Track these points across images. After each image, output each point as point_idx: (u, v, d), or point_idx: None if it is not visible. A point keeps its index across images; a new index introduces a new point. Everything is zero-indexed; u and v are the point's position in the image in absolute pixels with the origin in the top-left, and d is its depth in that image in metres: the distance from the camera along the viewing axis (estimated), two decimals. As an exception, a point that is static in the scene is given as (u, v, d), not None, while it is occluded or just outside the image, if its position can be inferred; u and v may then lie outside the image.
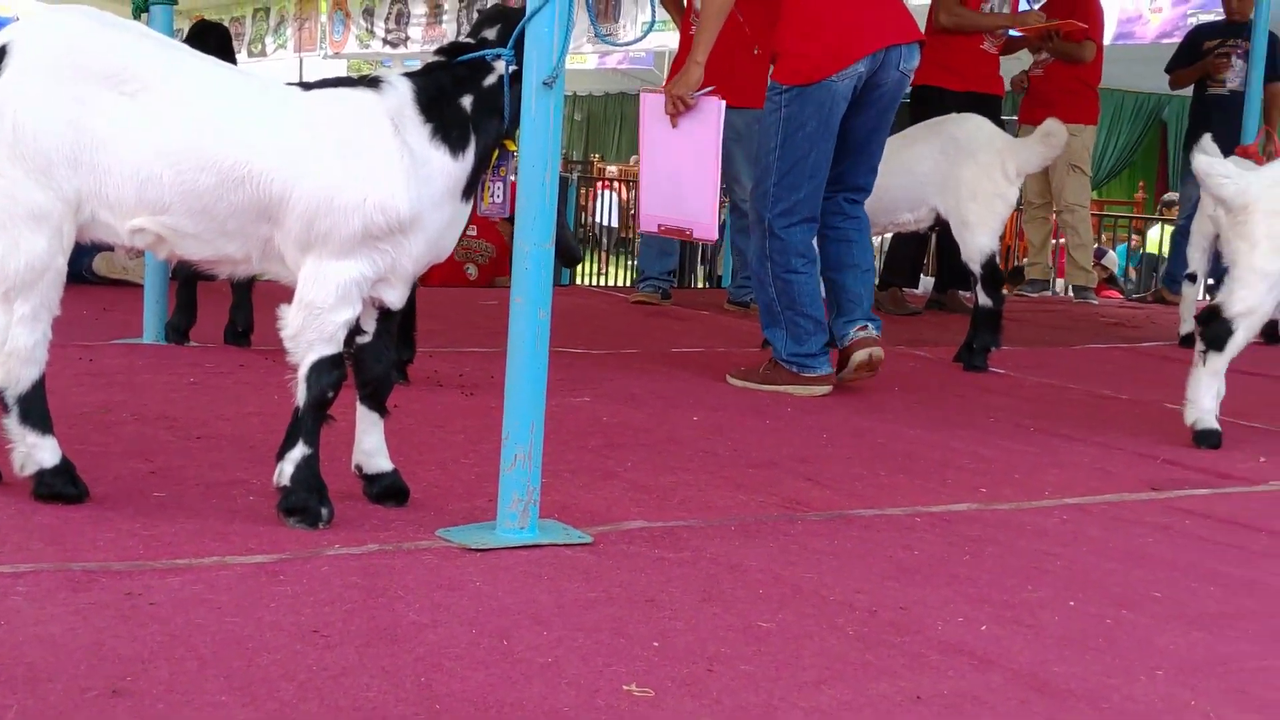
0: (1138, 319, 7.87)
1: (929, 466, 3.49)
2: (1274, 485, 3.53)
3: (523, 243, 2.53)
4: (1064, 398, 4.78)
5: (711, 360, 4.89)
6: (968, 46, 6.94)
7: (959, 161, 5.15)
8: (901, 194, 5.30)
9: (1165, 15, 15.24)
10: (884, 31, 4.29)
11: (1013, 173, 5.14)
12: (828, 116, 4.27)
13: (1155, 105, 19.11)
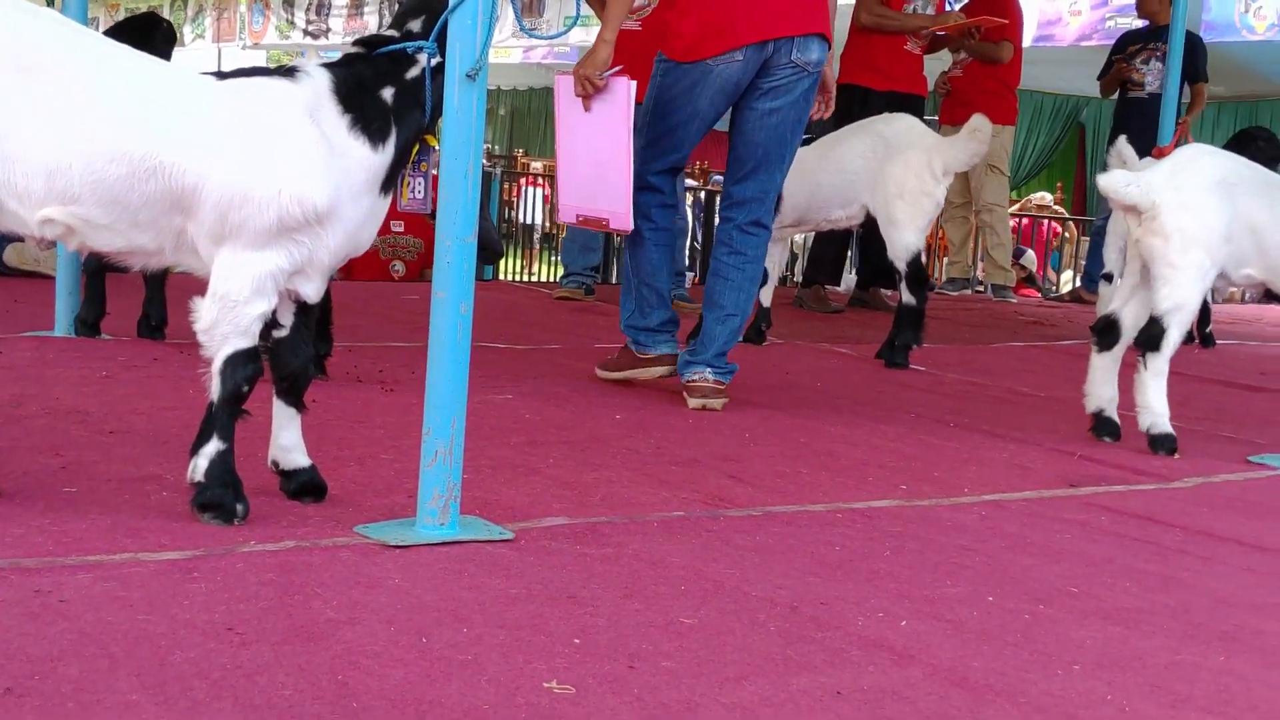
0: (1055, 317, 7.99)
1: (850, 463, 3.51)
2: (1188, 482, 3.58)
3: (444, 237, 2.51)
4: (983, 395, 4.83)
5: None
6: (891, 46, 7.01)
7: (888, 160, 5.19)
8: (833, 191, 5.35)
9: (1084, 18, 15.47)
10: (774, 21, 4.02)
11: (940, 171, 5.19)
12: (696, 98, 4.06)
13: (1074, 107, 19.39)
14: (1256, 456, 3.93)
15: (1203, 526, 3.09)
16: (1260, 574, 2.74)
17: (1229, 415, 4.77)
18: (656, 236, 4.19)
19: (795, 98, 4.10)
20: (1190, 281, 3.79)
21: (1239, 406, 5.05)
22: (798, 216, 5.49)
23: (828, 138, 5.52)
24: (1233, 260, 3.89)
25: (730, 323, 4.15)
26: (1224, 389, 5.47)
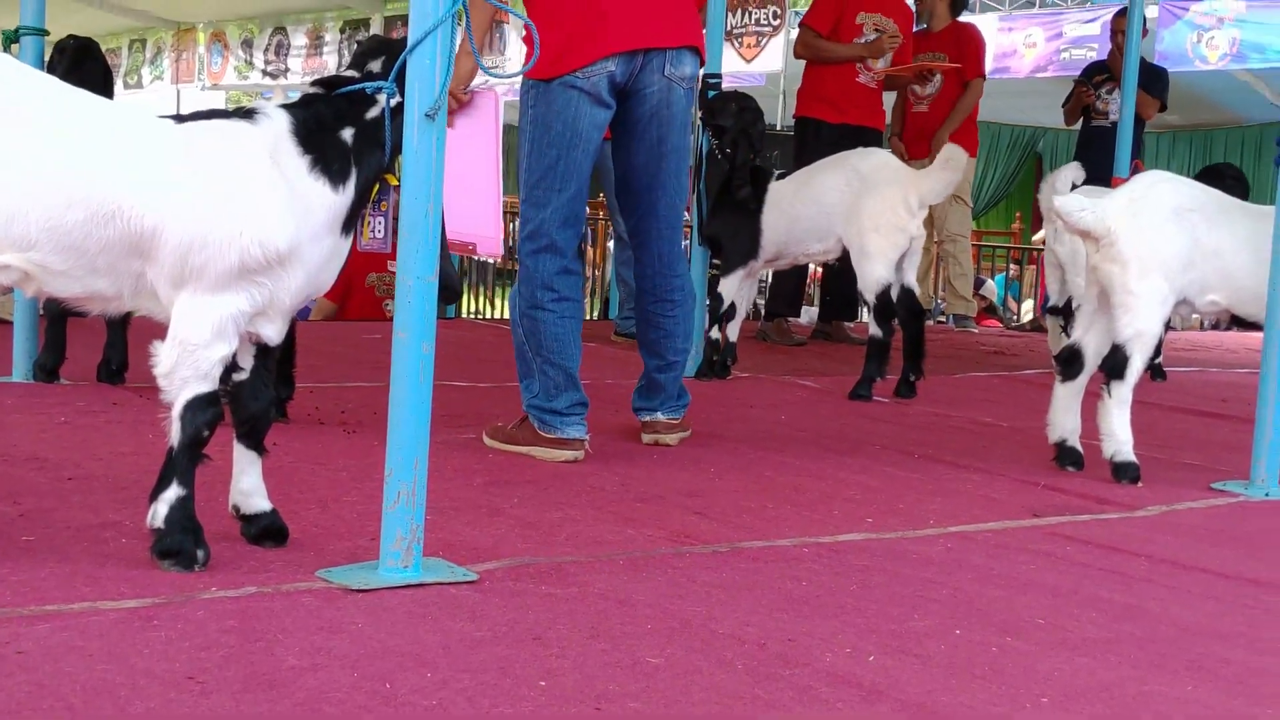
0: (1017, 347, 8.03)
1: (816, 497, 3.50)
2: (1152, 510, 3.59)
3: (405, 276, 2.50)
4: (947, 426, 4.84)
5: (600, 392, 4.85)
6: (842, 79, 7.08)
7: (864, 195, 5.23)
8: (811, 225, 5.39)
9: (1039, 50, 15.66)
10: (642, 30, 3.72)
11: (915, 205, 5.22)
12: (573, 119, 3.71)
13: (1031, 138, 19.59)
14: (1219, 483, 3.95)
15: (1167, 555, 3.10)
16: (1225, 602, 2.74)
17: (1191, 442, 4.80)
18: (561, 309, 3.76)
19: (675, 117, 3.89)
20: (1150, 308, 3.81)
21: (1201, 433, 5.08)
22: (777, 250, 5.53)
23: (802, 172, 5.56)
24: (1195, 287, 3.91)
25: (675, 369, 4.04)
26: (1186, 416, 5.51)
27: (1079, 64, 12.40)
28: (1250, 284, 3.90)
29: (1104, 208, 3.86)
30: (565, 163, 3.75)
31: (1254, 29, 13.91)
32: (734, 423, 4.56)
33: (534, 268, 3.75)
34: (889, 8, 7.17)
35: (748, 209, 5.42)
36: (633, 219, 4.03)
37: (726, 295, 5.50)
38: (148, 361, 2.48)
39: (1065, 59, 15.22)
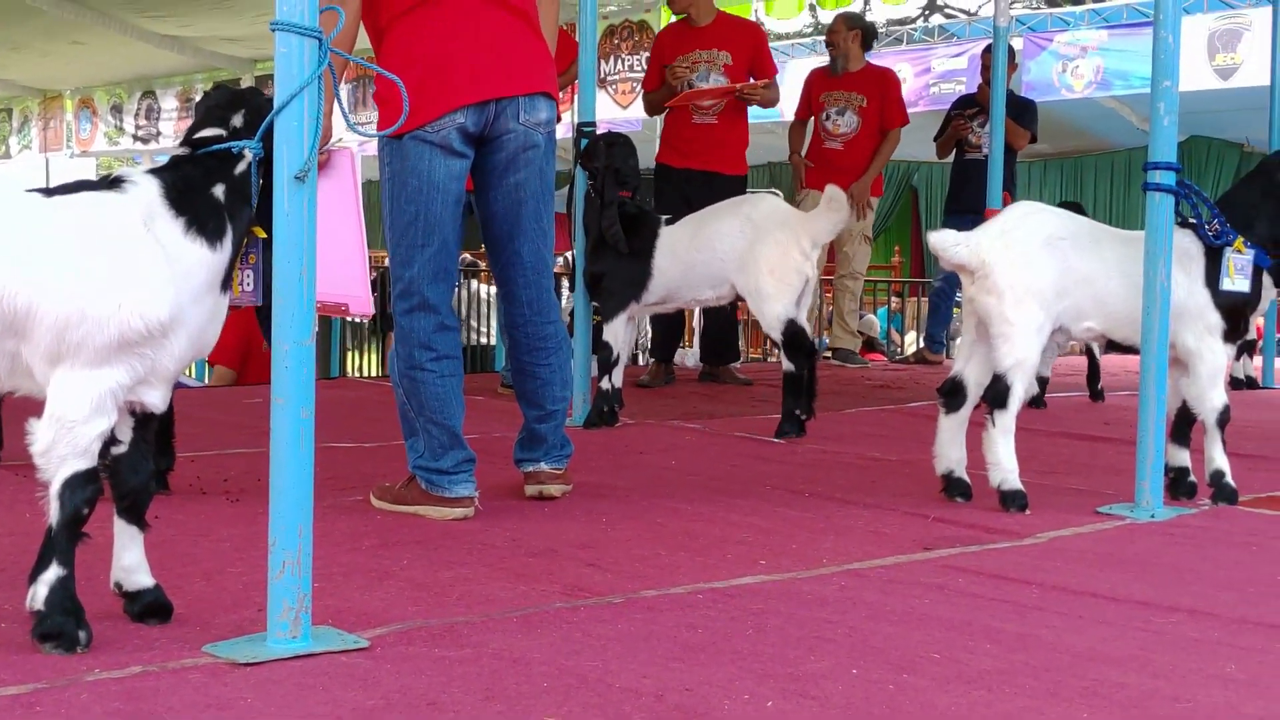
0: (902, 380, 8.12)
1: (709, 542, 3.49)
2: (1041, 537, 3.63)
3: (281, 341, 2.45)
4: (837, 463, 4.87)
5: (488, 445, 4.82)
6: (678, 121, 7.20)
7: (757, 241, 5.29)
8: (706, 271, 5.43)
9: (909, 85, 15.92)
10: (490, 80, 3.70)
11: (808, 247, 5.29)
12: (428, 173, 3.67)
13: (906, 172, 19.93)
14: (1105, 507, 4.01)
15: (1057, 581, 3.13)
16: (1117, 626, 2.78)
17: (1076, 467, 4.88)
18: (440, 367, 3.72)
19: (533, 163, 3.86)
20: (1027, 337, 3.88)
21: (1085, 457, 5.16)
22: (666, 294, 5.54)
23: (694, 218, 5.58)
24: (1070, 314, 3.99)
25: (555, 418, 4.00)
26: (1070, 441, 5.60)
27: (948, 98, 12.68)
28: (1123, 309, 3.98)
29: (977, 241, 3.93)
30: (426, 217, 3.70)
31: (1116, 57, 14.34)
32: (625, 470, 4.55)
33: (409, 327, 3.71)
34: (720, 40, 7.22)
35: (634, 252, 5.43)
36: (498, 268, 3.99)
37: (614, 342, 5.50)
38: (24, 439, 2.40)
39: (935, 93, 15.55)
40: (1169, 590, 3.06)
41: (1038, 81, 14.61)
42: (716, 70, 7.13)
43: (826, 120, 8.43)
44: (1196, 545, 3.58)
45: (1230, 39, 13.48)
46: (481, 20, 3.72)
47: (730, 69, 7.13)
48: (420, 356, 3.71)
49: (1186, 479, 4.15)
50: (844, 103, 8.39)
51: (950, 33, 16.47)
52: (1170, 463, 4.11)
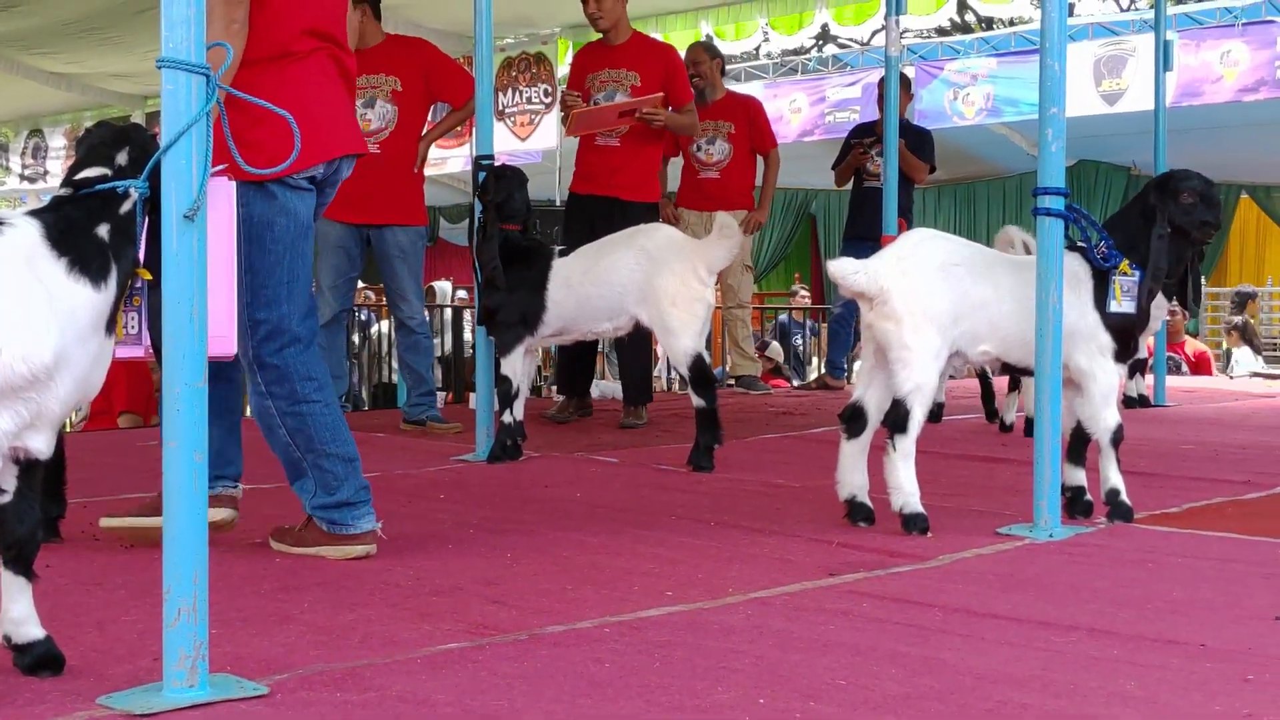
0: (804, 406, 8.17)
1: (615, 574, 3.48)
2: (943, 559, 3.66)
3: (172, 383, 2.40)
4: (741, 491, 4.88)
5: (391, 483, 4.78)
6: (582, 145, 7.04)
7: (655, 272, 5.29)
8: (603, 304, 5.41)
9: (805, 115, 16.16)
10: (346, 136, 3.79)
11: (705, 274, 5.32)
12: (297, 212, 3.67)
13: (804, 200, 20.15)
14: (1005, 528, 4.05)
15: (960, 603, 3.16)
16: (1018, 646, 2.80)
17: (976, 489, 4.93)
18: (324, 396, 3.67)
19: None
20: (925, 362, 3.92)
21: (984, 479, 5.22)
22: (561, 326, 5.52)
23: (588, 250, 5.55)
24: (966, 339, 4.05)
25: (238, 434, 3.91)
26: (969, 462, 5.67)
27: (844, 126, 12.85)
28: (1016, 333, 4.05)
29: (875, 268, 3.97)
30: (292, 256, 3.67)
31: (1006, 84, 14.63)
32: (529, 504, 4.52)
33: (286, 365, 3.63)
34: (631, 61, 6.92)
35: (527, 284, 5.42)
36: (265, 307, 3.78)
37: (513, 375, 5.47)
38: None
39: (830, 122, 15.75)
40: (1068, 609, 3.10)
41: (930, 109, 14.85)
42: (623, 91, 6.87)
43: (699, 151, 8.49)
44: (1094, 564, 3.64)
45: (1116, 65, 13.81)
46: (336, 84, 3.79)
47: (638, 91, 6.88)
48: (305, 389, 3.64)
49: (1083, 498, 4.22)
50: (713, 131, 8.47)
51: (844, 62, 16.73)
52: (1067, 482, 4.18)
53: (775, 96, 16.31)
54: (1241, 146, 15.02)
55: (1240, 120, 13.93)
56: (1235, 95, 13.05)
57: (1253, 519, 4.28)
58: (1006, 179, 17.79)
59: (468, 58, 7.28)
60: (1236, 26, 13.09)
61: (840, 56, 17.24)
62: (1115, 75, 13.79)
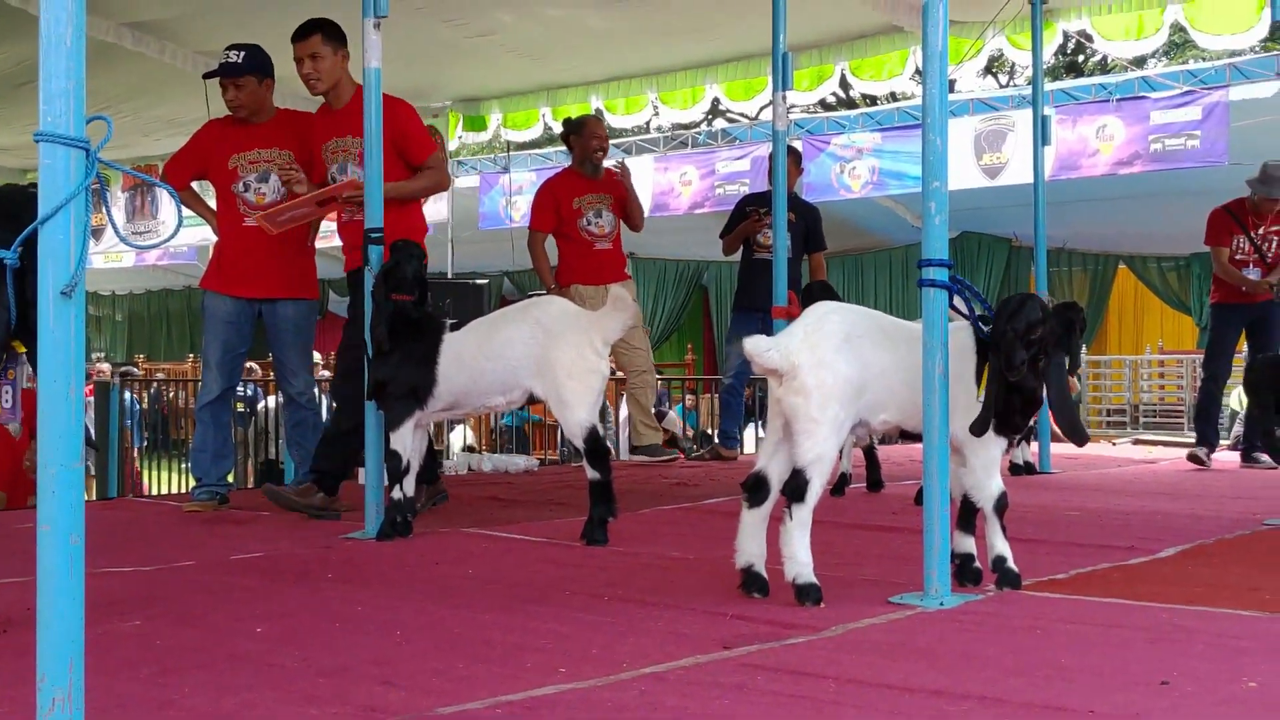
0: (698, 477, 8.18)
1: (507, 650, 3.43)
2: (836, 630, 3.66)
3: (48, 464, 2.33)
4: (636, 563, 4.85)
5: (277, 563, 4.69)
6: None
7: (550, 345, 5.27)
8: (495, 379, 5.37)
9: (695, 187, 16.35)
10: None
11: (600, 346, 5.31)
12: None
13: (696, 271, 20.34)
14: (896, 596, 4.07)
15: (853, 674, 3.15)
16: (909, 715, 2.80)
17: (868, 557, 4.95)
18: None
19: None
20: (829, 434, 3.95)
21: (876, 547, 5.25)
22: (453, 401, 5.46)
23: (481, 323, 5.52)
24: (869, 408, 4.09)
25: None
26: (861, 531, 5.70)
27: (733, 198, 13.01)
28: (914, 401, 4.10)
29: (786, 345, 4.00)
30: None
31: (890, 158, 14.94)
32: (420, 582, 4.45)
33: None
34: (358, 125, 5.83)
35: (417, 358, 5.37)
36: None
37: (402, 450, 5.40)
38: None
39: (720, 194, 15.95)
40: (959, 678, 3.11)
41: (817, 182, 15.11)
42: (354, 160, 6.15)
43: (589, 224, 8.60)
44: (984, 631, 3.66)
45: (996, 139, 14.16)
46: None
47: None
48: None
49: (972, 565, 4.26)
50: (599, 204, 8.62)
51: (733, 136, 16.96)
52: (955, 549, 4.21)
53: (666, 169, 16.50)
54: (1118, 218, 15.48)
55: (1116, 193, 14.35)
56: (1111, 169, 13.43)
57: (1137, 584, 4.35)
58: (893, 250, 18.12)
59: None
60: (1111, 102, 13.50)
61: (730, 130, 17.47)
62: (996, 149, 14.13)
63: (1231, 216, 9.34)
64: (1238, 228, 9.29)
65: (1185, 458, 9.54)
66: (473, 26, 11.12)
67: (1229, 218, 9.35)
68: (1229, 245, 9.31)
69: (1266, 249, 9.20)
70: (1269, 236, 9.21)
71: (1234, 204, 9.38)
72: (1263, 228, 9.22)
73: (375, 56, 5.56)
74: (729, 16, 11.17)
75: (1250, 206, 9.26)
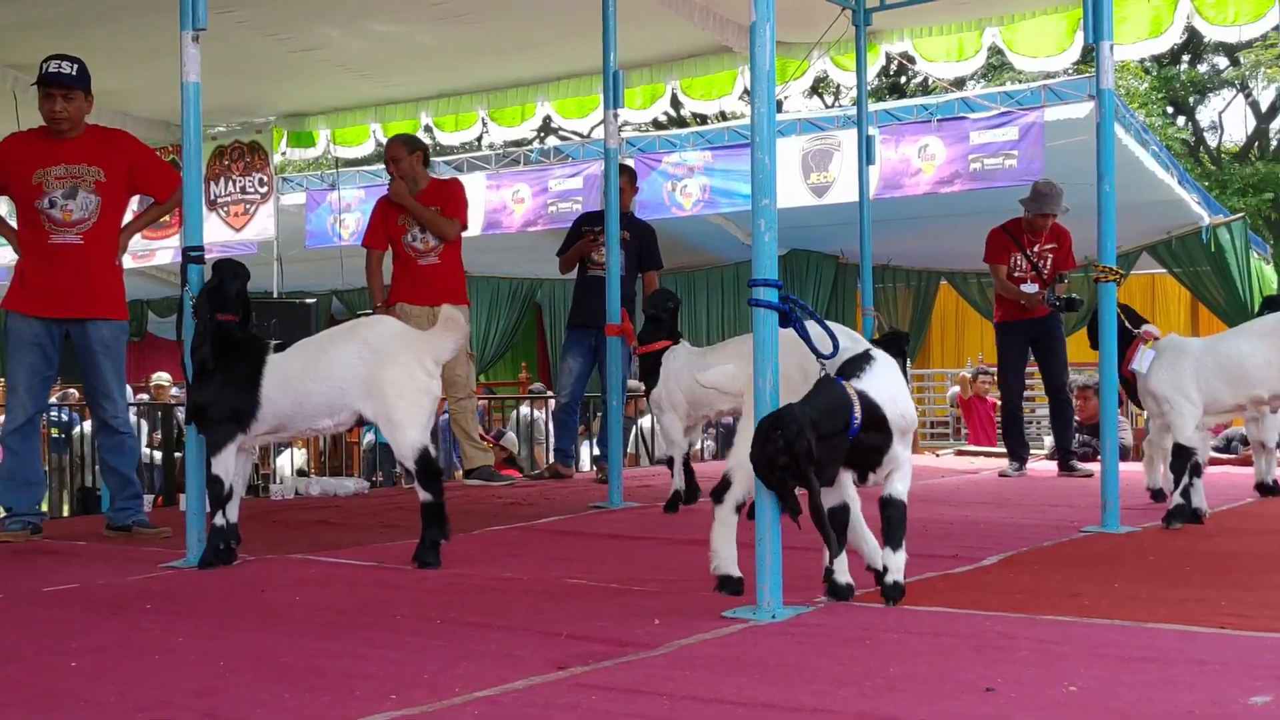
0: (533, 496, 8.14)
1: (337, 679, 3.34)
2: (670, 646, 3.66)
3: None
4: (469, 585, 4.79)
5: (93, 594, 4.52)
6: None
7: (379, 365, 5.17)
8: (323, 400, 5.24)
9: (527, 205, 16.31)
10: None
11: (431, 366, 5.23)
12: None
13: (529, 289, 20.30)
14: (729, 611, 4.08)
15: (687, 691, 3.15)
16: (744, 731, 2.81)
17: (701, 573, 4.93)
18: None
19: None
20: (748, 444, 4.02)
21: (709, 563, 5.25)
22: (278, 424, 5.31)
23: (306, 345, 5.38)
24: None
25: None
26: (695, 547, 5.69)
27: (567, 216, 13.04)
28: None
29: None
30: None
31: (721, 176, 15.10)
32: (245, 610, 4.33)
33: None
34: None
35: (239, 381, 5.22)
36: None
37: (224, 476, 5.24)
38: None
39: (553, 212, 15.94)
40: (792, 690, 3.13)
41: (650, 200, 15.19)
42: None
43: (413, 240, 8.56)
44: (815, 643, 3.69)
45: (822, 158, 14.42)
46: None
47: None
48: None
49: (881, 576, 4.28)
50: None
51: (565, 154, 16.96)
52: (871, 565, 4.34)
53: (499, 187, 16.43)
54: (940, 236, 15.88)
55: (938, 211, 14.72)
56: (933, 187, 13.77)
57: (962, 592, 4.44)
58: (725, 267, 18.31)
59: (177, 146, 7.05)
60: (933, 123, 13.84)
61: (562, 148, 17.49)
62: (823, 169, 14.39)
63: (1009, 235, 9.69)
64: (1014, 246, 9.64)
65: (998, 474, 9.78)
66: (297, 41, 10.94)
67: (1006, 236, 9.70)
68: (1007, 263, 9.67)
69: (1043, 265, 9.57)
70: (1044, 254, 9.59)
71: (1011, 223, 9.74)
72: (1038, 245, 9.59)
73: (194, 70, 5.42)
74: (560, 34, 11.20)
75: (1026, 225, 9.62)
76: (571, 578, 4.85)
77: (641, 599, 4.35)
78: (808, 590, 4.31)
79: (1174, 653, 3.44)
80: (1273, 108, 32.26)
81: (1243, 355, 6.13)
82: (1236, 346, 6.21)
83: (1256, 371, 6.08)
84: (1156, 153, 14.63)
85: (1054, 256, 9.58)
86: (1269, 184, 28.59)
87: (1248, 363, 6.11)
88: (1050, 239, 9.59)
